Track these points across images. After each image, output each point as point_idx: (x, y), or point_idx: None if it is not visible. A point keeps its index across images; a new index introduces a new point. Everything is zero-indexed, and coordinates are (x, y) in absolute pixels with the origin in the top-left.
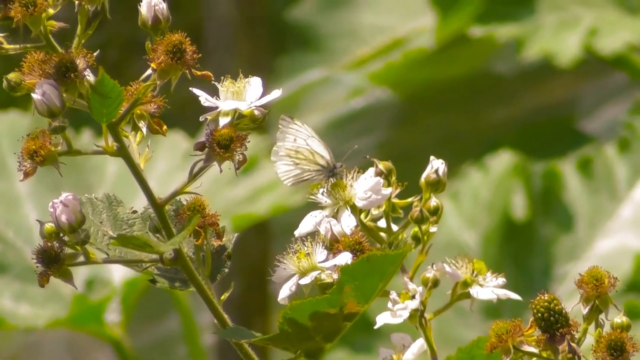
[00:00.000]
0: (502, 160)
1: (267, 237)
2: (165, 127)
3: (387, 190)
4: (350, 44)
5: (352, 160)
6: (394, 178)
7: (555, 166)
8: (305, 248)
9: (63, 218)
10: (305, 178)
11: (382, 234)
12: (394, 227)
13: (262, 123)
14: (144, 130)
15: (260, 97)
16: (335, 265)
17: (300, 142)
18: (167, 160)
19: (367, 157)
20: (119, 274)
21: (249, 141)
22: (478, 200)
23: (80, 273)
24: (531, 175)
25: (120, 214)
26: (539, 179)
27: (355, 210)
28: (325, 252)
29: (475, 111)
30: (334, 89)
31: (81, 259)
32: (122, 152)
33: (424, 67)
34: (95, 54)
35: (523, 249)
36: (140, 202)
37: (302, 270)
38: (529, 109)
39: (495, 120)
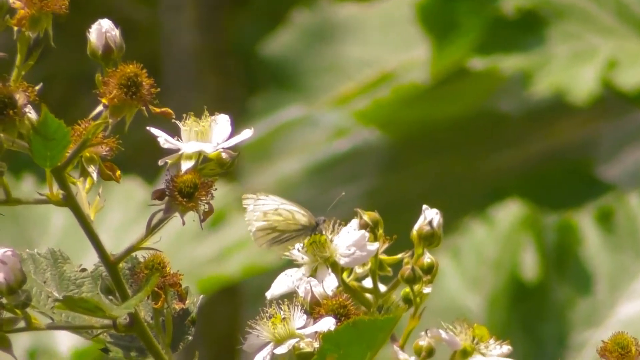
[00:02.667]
0: (509, 212)
1: (237, 301)
2: (118, 172)
3: (374, 246)
4: (332, 79)
5: (335, 212)
6: (381, 231)
7: (570, 218)
8: (282, 312)
9: (0, 277)
10: (284, 239)
11: (368, 296)
12: (382, 288)
13: (231, 168)
14: (95, 176)
15: (229, 138)
16: (316, 332)
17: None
18: (122, 211)
19: (355, 208)
20: (66, 342)
21: (216, 189)
22: (482, 257)
23: (21, 341)
24: (543, 228)
25: (66, 273)
26: (552, 233)
27: (337, 269)
28: (305, 316)
29: (477, 155)
30: (314, 129)
31: (21, 324)
32: (69, 201)
33: (417, 105)
34: (37, 88)
35: (534, 313)
36: (90, 259)
37: (278, 338)
38: (539, 152)
39: (501, 165)
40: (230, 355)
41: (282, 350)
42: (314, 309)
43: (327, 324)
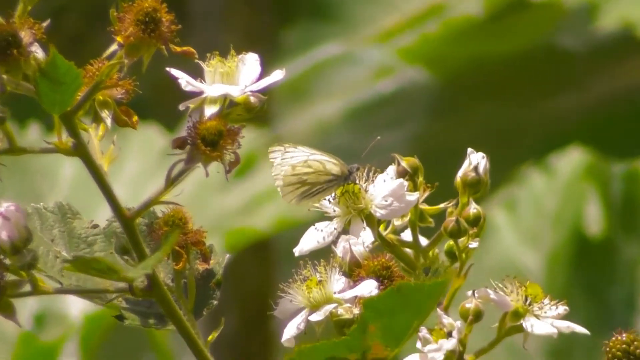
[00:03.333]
0: (571, 160)
1: (269, 258)
2: (135, 117)
3: (413, 195)
4: (375, 11)
5: (375, 160)
6: (421, 178)
7: (639, 166)
8: (317, 274)
9: (3, 235)
10: (315, 192)
11: (408, 251)
12: (423, 242)
13: (260, 113)
14: (108, 122)
15: (258, 80)
16: (356, 296)
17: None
18: (139, 161)
19: (392, 154)
20: (77, 307)
21: (243, 136)
22: (540, 210)
23: (28, 306)
24: (609, 178)
25: (76, 229)
26: (619, 183)
27: (372, 222)
28: (343, 279)
29: (535, 97)
30: (354, 68)
31: (27, 288)
32: (80, 150)
33: (469, 41)
34: (44, 24)
35: (599, 273)
36: (103, 214)
37: (313, 303)
38: (604, 93)
39: (562, 108)
40: (261, 321)
41: (318, 317)
42: (353, 271)
43: (368, 287)
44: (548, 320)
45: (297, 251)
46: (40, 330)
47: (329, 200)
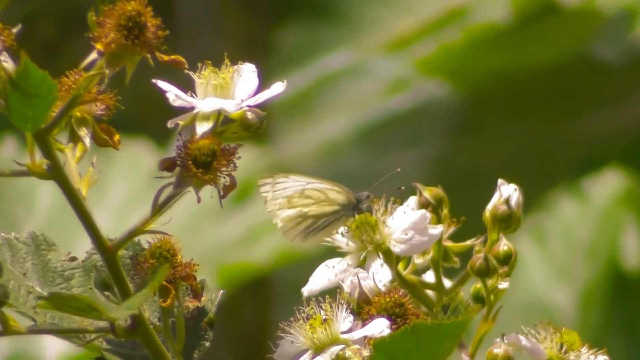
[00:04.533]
0: (607, 185)
1: (268, 297)
2: (117, 136)
3: (436, 229)
4: (386, 13)
5: (390, 187)
6: (446, 211)
7: None
8: (322, 312)
9: None
10: (320, 226)
11: (430, 292)
12: (447, 283)
13: (258, 131)
14: (87, 141)
15: (256, 93)
16: (365, 337)
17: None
18: (126, 184)
19: (414, 181)
20: (53, 347)
21: (240, 157)
22: (573, 241)
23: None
24: None
25: (51, 262)
26: None
27: (391, 258)
28: (351, 317)
29: (568, 114)
30: (366, 81)
31: None
32: (56, 173)
33: (495, 51)
34: (15, 30)
35: (639, 311)
36: (84, 245)
37: (317, 345)
38: None
39: (597, 127)
40: None
41: None
42: (362, 308)
43: (379, 327)
44: None
45: (306, 291)
46: None
47: (341, 233)
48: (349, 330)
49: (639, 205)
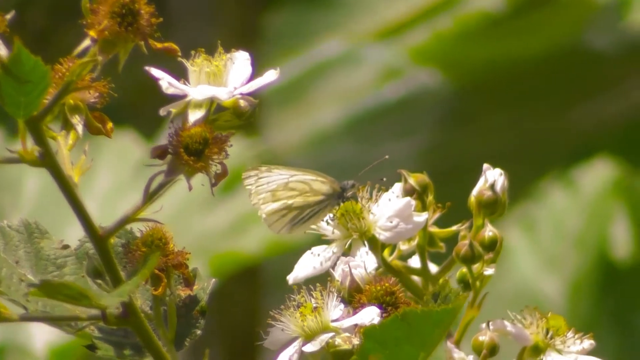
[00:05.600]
0: (597, 174)
1: (259, 285)
2: (110, 124)
3: (422, 216)
4: (379, 1)
5: (380, 175)
6: (431, 197)
7: None
8: (313, 300)
9: None
10: (306, 216)
11: (415, 278)
12: (433, 268)
13: (251, 119)
14: (80, 129)
15: (249, 81)
16: (356, 325)
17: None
18: (114, 173)
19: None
20: (42, 338)
21: (232, 145)
22: (562, 231)
23: None
24: (639, 194)
25: (44, 250)
26: None
27: (376, 246)
28: (342, 305)
29: (560, 104)
30: (358, 69)
31: None
32: (47, 160)
33: (488, 40)
34: (8, 16)
35: (628, 301)
36: (74, 233)
37: (308, 332)
38: (636, 100)
39: (588, 116)
40: (249, 353)
41: (313, 347)
42: (353, 297)
43: (370, 315)
44: (572, 356)
45: (291, 278)
46: None
47: (327, 221)
48: (340, 319)
49: (629, 195)
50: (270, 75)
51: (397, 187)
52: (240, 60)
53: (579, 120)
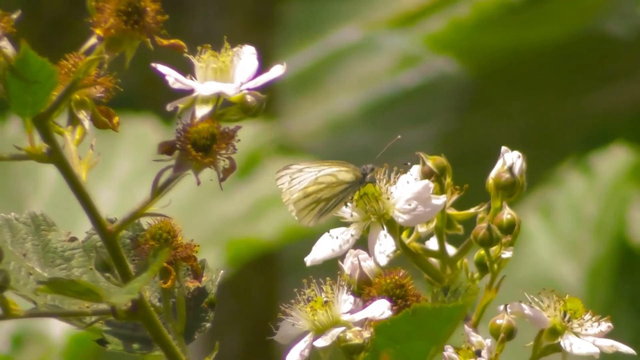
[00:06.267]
0: (615, 160)
1: (275, 272)
2: (117, 118)
3: (440, 199)
4: None
5: (398, 160)
6: (449, 179)
7: None
8: (323, 294)
9: None
10: (332, 205)
11: (433, 261)
12: (450, 250)
13: (258, 114)
14: (87, 124)
15: (256, 76)
16: (366, 318)
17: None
18: (131, 160)
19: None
20: (59, 326)
21: (239, 140)
22: (580, 216)
23: (4, 326)
24: None
25: (52, 243)
26: None
27: (394, 228)
28: (352, 299)
29: (577, 90)
30: (375, 57)
31: None
32: (55, 156)
33: (505, 27)
34: (15, 16)
35: None
36: (86, 225)
37: (319, 327)
38: None
39: (606, 102)
40: (266, 344)
41: (324, 342)
42: (363, 289)
43: (380, 308)
44: (589, 339)
45: (309, 260)
46: (19, 352)
47: (346, 204)
48: (350, 312)
49: None
50: (277, 70)
51: (415, 169)
52: (247, 55)
53: (595, 106)
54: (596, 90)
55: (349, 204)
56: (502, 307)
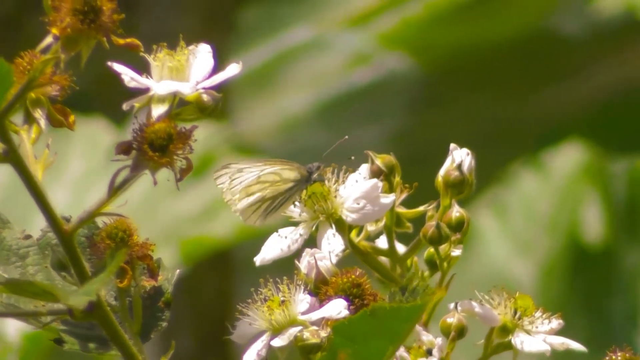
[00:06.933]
0: (567, 158)
1: (230, 271)
2: (72, 116)
3: (389, 197)
4: None
5: (350, 159)
6: (398, 178)
7: None
8: (280, 293)
9: None
10: (278, 204)
11: (383, 260)
12: (400, 248)
13: (214, 113)
14: (42, 123)
15: (211, 75)
16: (323, 318)
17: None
18: (84, 160)
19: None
20: (15, 324)
21: (196, 139)
22: (533, 215)
23: None
24: (609, 177)
25: (6, 240)
26: (621, 183)
27: (343, 227)
28: (309, 298)
29: (529, 88)
30: (327, 55)
31: None
32: (11, 156)
33: (456, 25)
34: None
35: (598, 284)
36: (41, 222)
37: (276, 326)
38: (605, 84)
39: (558, 100)
40: (220, 343)
41: (281, 341)
42: (319, 289)
43: (337, 307)
44: (540, 336)
45: (258, 260)
46: None
47: (294, 203)
48: (307, 312)
49: (599, 178)
50: (233, 69)
51: (364, 168)
52: (203, 54)
53: (548, 104)
54: (549, 87)
55: (297, 203)
56: (452, 306)
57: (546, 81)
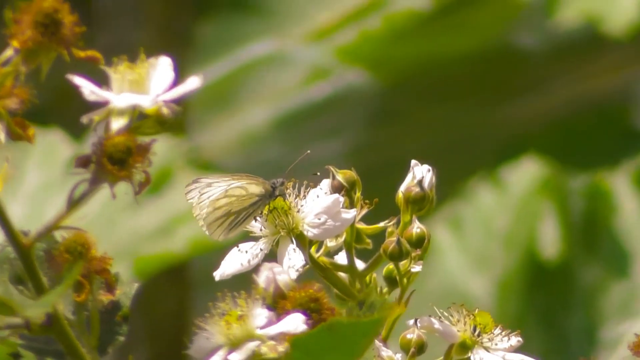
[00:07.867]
0: (525, 173)
1: (186, 285)
2: (32, 130)
3: (350, 214)
4: (307, 4)
5: (310, 174)
6: (358, 194)
7: (602, 180)
8: (238, 307)
9: None
10: (242, 219)
11: (342, 275)
12: (360, 265)
13: (174, 126)
14: (2, 136)
15: (171, 87)
16: (281, 332)
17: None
18: (41, 172)
19: (326, 166)
20: None
21: (155, 153)
22: (490, 230)
23: None
24: (568, 193)
25: None
26: (579, 200)
27: (304, 242)
28: (267, 312)
29: (487, 102)
30: (286, 70)
31: None
32: None
33: (415, 39)
34: None
35: (556, 300)
36: None
37: (233, 341)
38: (564, 98)
39: (516, 114)
40: (178, 354)
41: (238, 356)
42: (278, 303)
43: (295, 322)
44: (499, 353)
45: (217, 275)
46: None
47: (256, 218)
48: (265, 326)
49: (557, 194)
50: (193, 82)
51: (325, 183)
52: (163, 67)
53: (506, 119)
54: (507, 102)
55: (258, 218)
56: (412, 322)
57: (505, 96)
